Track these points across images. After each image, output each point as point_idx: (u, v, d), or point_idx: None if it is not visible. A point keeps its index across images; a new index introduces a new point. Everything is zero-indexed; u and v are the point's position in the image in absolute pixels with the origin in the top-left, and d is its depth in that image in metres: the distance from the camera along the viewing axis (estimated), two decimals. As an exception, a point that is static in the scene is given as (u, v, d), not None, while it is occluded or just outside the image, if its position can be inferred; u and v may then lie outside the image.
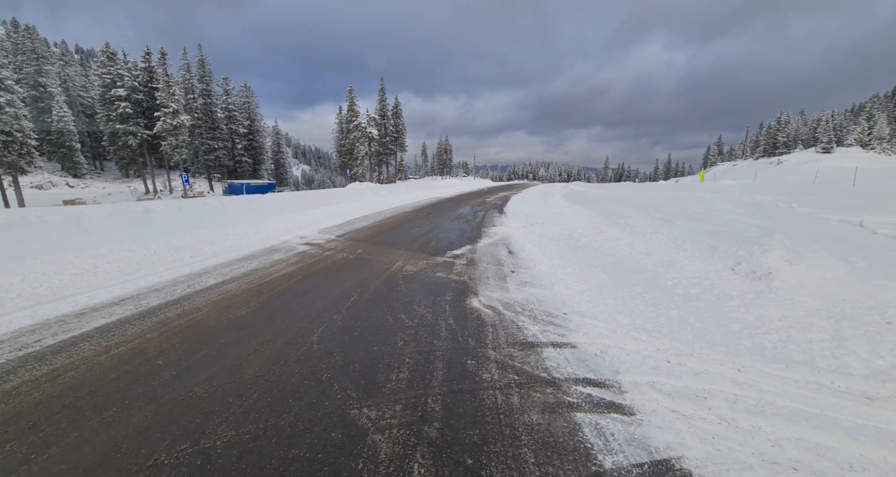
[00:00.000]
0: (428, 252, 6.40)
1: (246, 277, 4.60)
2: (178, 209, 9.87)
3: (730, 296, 3.96)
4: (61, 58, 47.62)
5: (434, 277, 4.82)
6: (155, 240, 6.41)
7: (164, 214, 9.25)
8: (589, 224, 9.66)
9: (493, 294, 4.07)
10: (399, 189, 27.49)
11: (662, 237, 6.99)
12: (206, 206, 10.85)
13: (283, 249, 6.40)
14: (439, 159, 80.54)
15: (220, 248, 6.25)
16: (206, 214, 10.09)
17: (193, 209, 10.39)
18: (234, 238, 7.08)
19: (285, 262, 5.45)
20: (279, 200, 15.44)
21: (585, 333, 3.04)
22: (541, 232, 8.43)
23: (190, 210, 10.20)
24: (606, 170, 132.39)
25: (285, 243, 6.93)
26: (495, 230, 8.97)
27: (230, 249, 6.16)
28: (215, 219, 9.67)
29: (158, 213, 9.18)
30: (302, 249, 6.48)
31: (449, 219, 11.26)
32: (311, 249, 6.52)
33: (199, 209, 10.55)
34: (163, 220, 8.84)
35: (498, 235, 8.17)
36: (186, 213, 9.82)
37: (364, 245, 7.00)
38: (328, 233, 8.30)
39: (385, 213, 12.52)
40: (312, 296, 3.95)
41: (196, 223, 8.82)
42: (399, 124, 55.28)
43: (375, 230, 8.93)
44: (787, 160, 48.15)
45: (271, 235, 7.68)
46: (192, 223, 8.80)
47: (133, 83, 31.85)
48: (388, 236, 8.08)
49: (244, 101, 44.17)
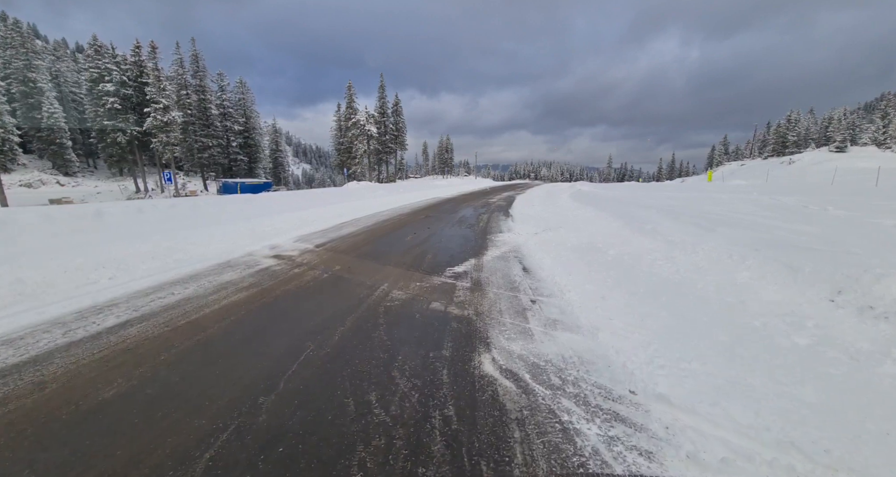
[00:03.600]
0: (423, 269, 5.12)
1: (165, 312, 3.32)
2: (138, 212, 8.60)
3: (864, 352, 2.67)
4: (53, 53, 46.43)
5: (428, 310, 3.55)
6: (85, 253, 5.15)
7: (120, 218, 7.98)
8: (609, 230, 8.37)
9: (513, 345, 2.79)
10: (398, 189, 26.21)
11: (709, 249, 5.70)
12: (175, 209, 9.59)
13: (241, 264, 5.12)
14: (440, 158, 79.23)
15: (161, 264, 4.98)
16: (173, 217, 8.82)
17: (159, 212, 9.12)
18: (187, 249, 5.81)
19: (235, 286, 4.18)
20: (267, 201, 14.17)
21: (690, 450, 1.73)
22: (556, 240, 7.14)
23: (154, 213, 8.93)
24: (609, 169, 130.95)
25: (249, 256, 5.65)
26: (503, 238, 7.67)
27: (172, 266, 4.89)
28: (183, 222, 8.39)
29: (114, 217, 7.91)
30: (266, 264, 5.20)
31: (450, 223, 9.97)
32: (278, 264, 5.25)
33: (166, 212, 9.28)
34: (117, 225, 7.57)
35: (507, 245, 6.88)
36: (149, 217, 8.55)
37: (346, 258, 5.72)
38: (307, 241, 7.02)
39: (379, 216, 11.24)
40: (243, 352, 2.67)
41: (155, 228, 7.54)
42: (399, 122, 53.97)
43: (364, 237, 7.65)
44: (798, 160, 46.60)
45: (237, 245, 6.40)
46: (151, 228, 7.52)
47: (122, 78, 30.62)
48: (378, 245, 6.79)
49: (240, 98, 42.93)
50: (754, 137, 68.62)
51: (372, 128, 42.25)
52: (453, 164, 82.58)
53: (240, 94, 43.19)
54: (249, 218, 9.34)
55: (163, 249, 5.71)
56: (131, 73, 31.58)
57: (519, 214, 12.20)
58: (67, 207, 7.95)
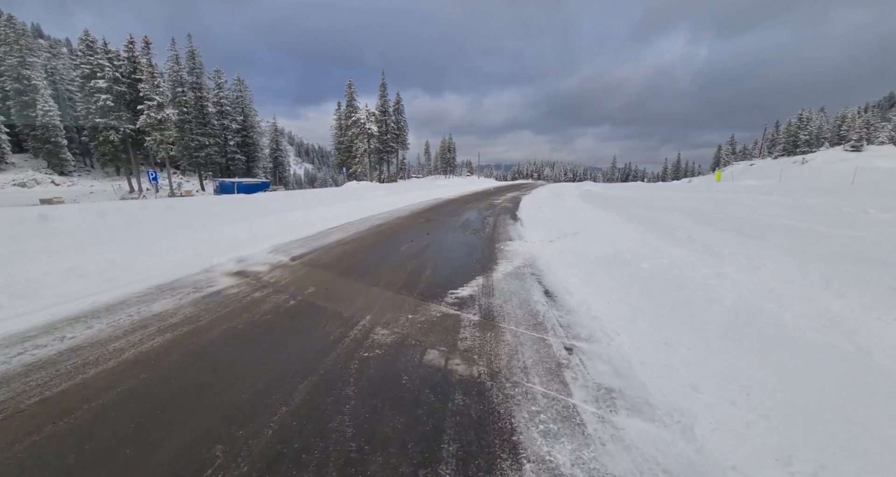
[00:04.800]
0: (418, 292, 4.04)
1: (27, 376, 2.25)
2: (98, 216, 7.56)
3: None
4: (49, 50, 45.67)
5: (422, 367, 2.47)
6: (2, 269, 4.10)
7: (73, 223, 6.94)
8: (633, 237, 7.27)
9: (557, 453, 1.71)
10: (398, 189, 25.15)
11: (774, 266, 4.60)
12: (145, 212, 8.55)
13: (188, 286, 4.06)
14: (442, 158, 78.18)
15: (85, 285, 3.92)
16: (140, 222, 7.78)
17: (125, 215, 8.09)
18: (132, 263, 4.75)
19: (161, 323, 3.11)
20: (256, 203, 13.14)
21: None
22: (575, 250, 6.04)
23: (118, 217, 7.89)
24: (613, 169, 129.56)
25: (205, 273, 4.59)
26: (514, 247, 6.58)
27: (97, 290, 3.83)
28: (149, 228, 7.33)
29: (65, 222, 6.88)
30: (221, 285, 4.14)
31: (452, 228, 8.88)
32: (237, 284, 4.18)
33: (133, 215, 8.24)
34: (67, 231, 6.53)
35: (519, 256, 5.78)
36: (111, 221, 7.51)
37: (325, 276, 4.65)
38: (283, 252, 5.95)
39: (374, 220, 10.16)
40: (109, 459, 1.60)
41: (113, 235, 6.49)
42: (401, 121, 52.93)
43: (353, 246, 6.57)
44: (812, 159, 45.18)
45: (200, 256, 5.34)
46: (107, 235, 6.47)
47: (115, 74, 29.71)
48: (368, 257, 5.72)
49: (238, 96, 42.01)
50: (764, 137, 67.10)
51: (372, 126, 41.22)
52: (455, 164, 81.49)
53: (238, 91, 42.27)
54: (229, 222, 8.29)
55: (101, 263, 4.65)
56: (125, 70, 30.67)
57: (528, 218, 11.10)
58: (3, 212, 6.92)
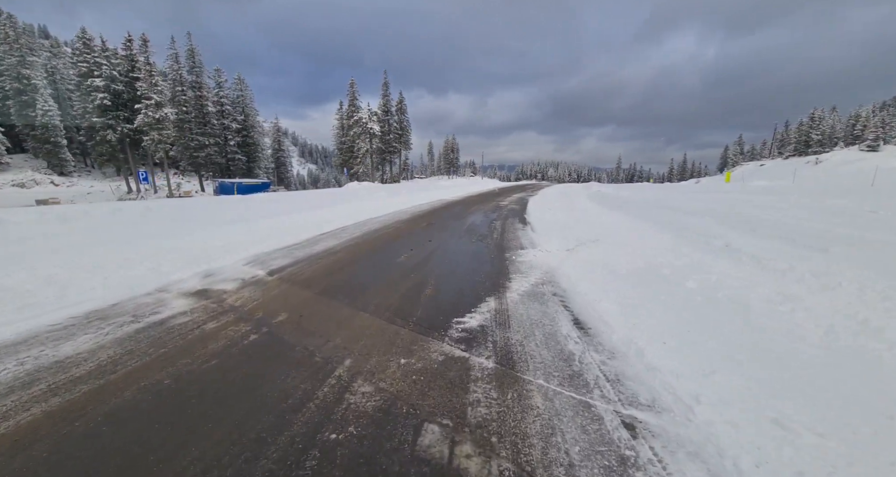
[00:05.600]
0: (415, 321, 3.21)
1: None
2: (60, 221, 6.79)
3: None
4: (50, 49, 45.35)
5: (415, 457, 1.64)
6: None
7: (25, 230, 6.16)
8: (662, 245, 6.41)
9: None
10: (400, 190, 24.36)
11: (851, 287, 3.74)
12: (117, 215, 7.78)
13: (127, 312, 3.24)
14: (446, 159, 77.37)
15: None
16: (108, 227, 7.01)
17: (92, 220, 7.32)
18: (71, 281, 3.95)
19: (64, 370, 2.29)
20: (248, 204, 12.37)
21: None
22: (600, 261, 5.19)
23: (84, 221, 7.12)
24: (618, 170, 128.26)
25: (157, 293, 3.77)
26: (528, 257, 5.74)
27: (4, 320, 3.03)
28: (117, 235, 6.54)
29: (18, 228, 6.11)
30: (171, 310, 3.32)
31: (456, 234, 8.04)
32: (191, 309, 3.37)
33: (102, 219, 7.47)
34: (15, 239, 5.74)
35: (535, 269, 4.94)
36: (74, 226, 6.74)
37: (303, 296, 3.83)
38: (261, 264, 5.14)
39: (372, 223, 9.35)
40: None
41: (68, 243, 5.70)
42: (404, 121, 52.15)
43: (343, 256, 5.75)
44: (826, 159, 43.90)
45: (159, 270, 4.53)
46: (64, 243, 5.68)
47: (112, 73, 29.13)
48: (358, 270, 4.89)
49: (238, 95, 41.39)
50: (773, 137, 65.70)
51: (375, 126, 40.47)
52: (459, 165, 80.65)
53: (238, 91, 41.65)
54: (209, 226, 7.50)
55: (36, 280, 3.86)
56: (122, 68, 30.10)
57: (538, 221, 10.26)
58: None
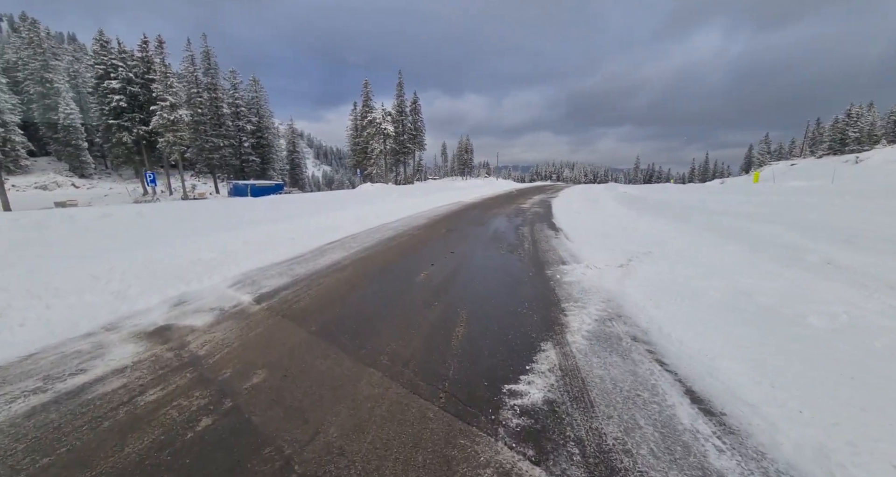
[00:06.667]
0: (447, 388, 2.18)
1: None
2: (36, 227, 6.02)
3: None
4: (72, 53, 46.27)
5: None
6: None
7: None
8: (731, 260, 5.23)
9: None
10: (414, 192, 23.44)
11: None
12: (103, 221, 7.00)
13: (40, 371, 2.31)
14: (460, 159, 76.38)
15: None
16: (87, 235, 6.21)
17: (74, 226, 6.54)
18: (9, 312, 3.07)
19: None
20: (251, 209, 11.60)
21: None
22: (667, 283, 4.07)
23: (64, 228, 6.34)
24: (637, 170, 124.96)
25: (102, 332, 2.85)
26: (576, 276, 4.65)
27: None
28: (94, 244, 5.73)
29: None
30: (105, 365, 2.38)
31: (482, 243, 6.99)
32: (134, 363, 2.42)
33: (85, 226, 6.70)
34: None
35: (593, 296, 3.85)
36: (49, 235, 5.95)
37: (293, 338, 2.85)
38: (250, 284, 4.20)
39: (386, 230, 8.38)
40: None
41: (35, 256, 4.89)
42: (418, 121, 51.36)
43: (350, 274, 4.77)
44: (868, 158, 41.06)
45: (118, 296, 3.64)
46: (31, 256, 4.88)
47: (128, 75, 29.16)
48: (368, 296, 3.89)
49: (253, 96, 41.30)
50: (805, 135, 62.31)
51: (389, 126, 39.75)
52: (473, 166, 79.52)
53: (253, 92, 41.56)
54: (208, 232, 6.64)
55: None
56: (138, 70, 30.13)
57: (570, 228, 9.12)
58: None
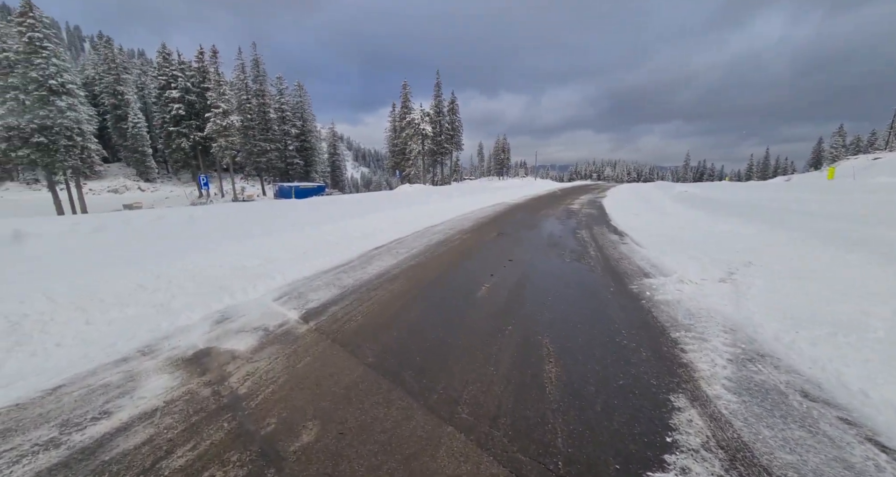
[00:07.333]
0: (560, 472, 1.56)
1: None
2: (93, 231, 6.07)
3: None
4: (140, 67, 50.43)
5: None
6: None
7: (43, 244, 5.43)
8: (869, 274, 4.14)
9: None
10: (453, 192, 22.94)
11: None
12: (157, 223, 7.03)
13: (50, 419, 1.94)
14: (496, 159, 75.16)
15: None
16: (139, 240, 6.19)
17: (129, 230, 6.58)
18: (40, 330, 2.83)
19: None
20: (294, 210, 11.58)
21: None
22: (804, 307, 3.16)
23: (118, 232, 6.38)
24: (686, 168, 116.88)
25: (141, 357, 2.50)
26: (670, 293, 3.83)
27: None
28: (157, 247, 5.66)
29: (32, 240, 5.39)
30: (137, 405, 1.99)
31: (539, 249, 6.26)
32: (166, 403, 2.01)
33: (139, 230, 6.73)
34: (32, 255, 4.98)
35: (710, 325, 3.03)
36: (105, 237, 5.97)
37: (347, 375, 2.34)
38: (297, 297, 3.80)
39: (431, 234, 7.87)
40: None
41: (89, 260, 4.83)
42: (455, 121, 50.95)
43: (401, 286, 4.25)
44: (977, 150, 35.28)
45: (162, 310, 3.34)
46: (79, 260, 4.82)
47: (186, 84, 31.11)
48: (425, 318, 3.33)
49: (297, 101, 42.81)
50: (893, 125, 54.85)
51: (427, 127, 39.63)
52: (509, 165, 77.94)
53: (297, 97, 43.09)
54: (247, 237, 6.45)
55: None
56: (195, 80, 32.08)
57: (634, 230, 8.15)
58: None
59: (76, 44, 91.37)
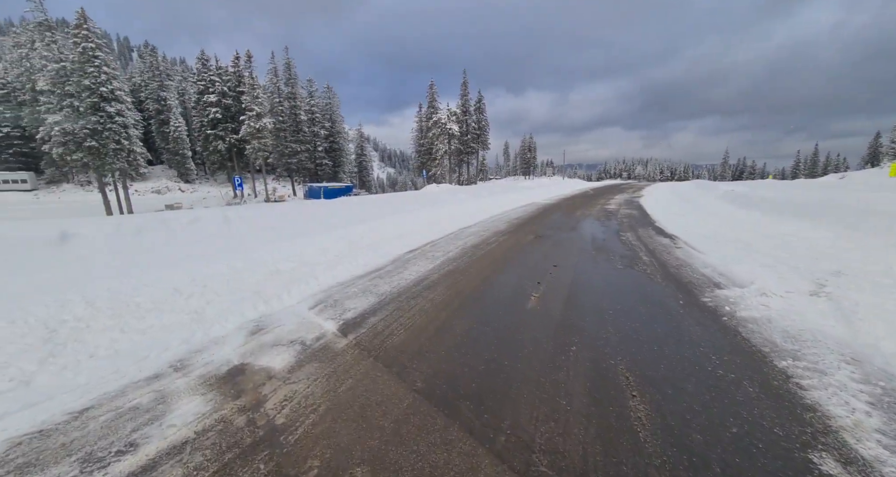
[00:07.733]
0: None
1: None
2: (135, 233, 6.13)
3: None
4: (181, 74, 53.03)
5: None
6: None
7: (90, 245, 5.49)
8: None
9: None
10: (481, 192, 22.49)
11: None
12: (194, 225, 7.07)
13: (72, 451, 1.75)
14: (522, 158, 73.81)
15: None
16: (185, 241, 6.22)
17: (168, 232, 6.64)
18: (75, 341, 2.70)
19: None
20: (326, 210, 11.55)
21: None
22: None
23: (158, 234, 6.43)
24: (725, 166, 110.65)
25: (174, 373, 2.31)
26: (753, 309, 3.30)
27: None
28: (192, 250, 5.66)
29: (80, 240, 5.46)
30: (166, 435, 1.75)
31: (584, 253, 5.77)
32: (198, 432, 1.76)
33: (178, 232, 6.78)
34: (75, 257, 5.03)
35: (819, 349, 2.51)
36: (148, 239, 6.01)
37: (395, 404, 2.03)
38: (333, 306, 3.55)
39: (466, 236, 7.52)
40: None
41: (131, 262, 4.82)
42: (482, 120, 50.36)
43: (442, 295, 3.93)
44: None
45: (197, 319, 3.18)
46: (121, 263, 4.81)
47: (223, 88, 32.29)
48: (474, 333, 2.98)
49: (326, 103, 43.61)
50: (969, 116, 49.46)
51: (454, 126, 39.33)
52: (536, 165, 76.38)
53: (327, 99, 43.90)
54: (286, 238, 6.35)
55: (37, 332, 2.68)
56: (231, 84, 33.25)
57: (684, 233, 7.51)
58: None
59: (125, 54, 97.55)
